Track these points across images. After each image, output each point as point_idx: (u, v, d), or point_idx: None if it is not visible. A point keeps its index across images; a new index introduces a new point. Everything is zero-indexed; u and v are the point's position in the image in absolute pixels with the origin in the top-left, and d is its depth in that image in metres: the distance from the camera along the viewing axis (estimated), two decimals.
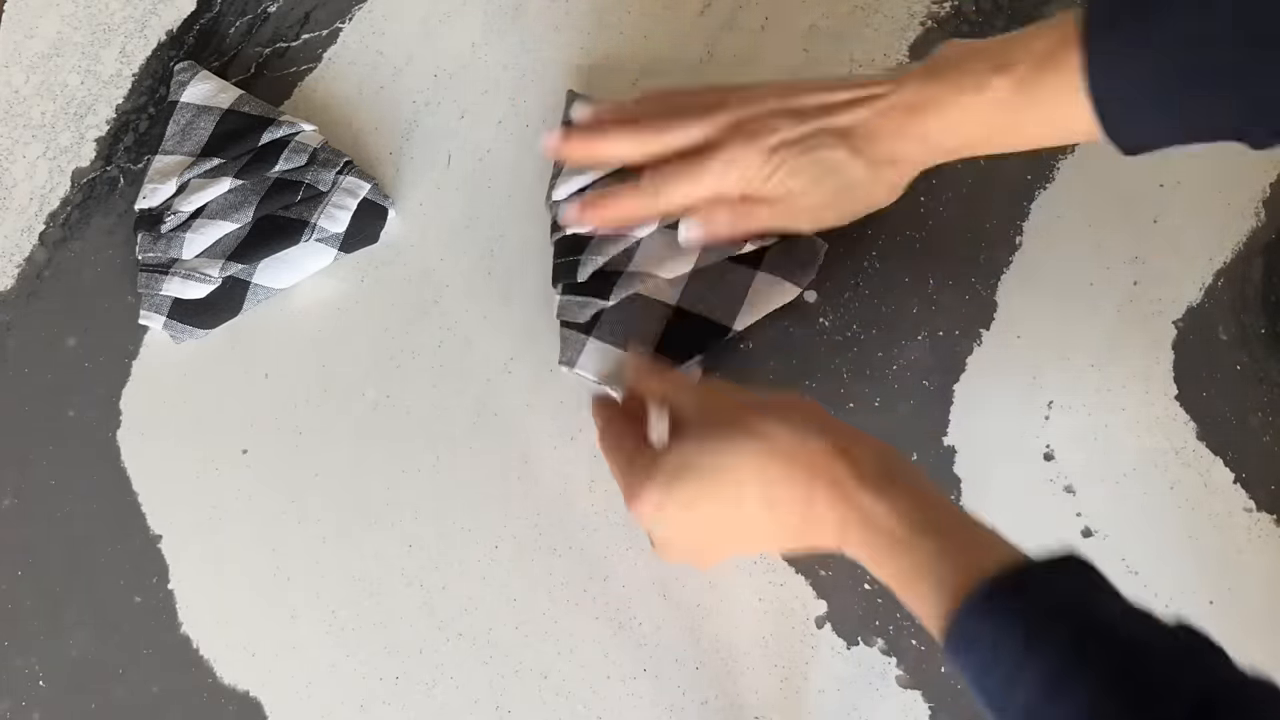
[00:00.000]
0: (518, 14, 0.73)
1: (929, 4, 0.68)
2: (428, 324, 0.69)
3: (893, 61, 0.67)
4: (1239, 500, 0.60)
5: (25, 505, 0.72)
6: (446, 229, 0.70)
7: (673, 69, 0.69)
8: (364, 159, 0.72)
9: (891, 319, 0.65)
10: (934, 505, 0.50)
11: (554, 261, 0.66)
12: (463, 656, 0.65)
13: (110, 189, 0.75)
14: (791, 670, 0.62)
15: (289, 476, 0.69)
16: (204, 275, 0.69)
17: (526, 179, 0.70)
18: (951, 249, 0.65)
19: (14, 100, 0.77)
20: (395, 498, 0.68)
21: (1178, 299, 0.63)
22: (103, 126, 0.76)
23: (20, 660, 0.70)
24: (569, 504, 0.66)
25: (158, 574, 0.69)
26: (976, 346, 0.64)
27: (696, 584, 0.64)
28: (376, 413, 0.69)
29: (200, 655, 0.68)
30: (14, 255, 0.75)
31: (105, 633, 0.69)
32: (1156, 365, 0.62)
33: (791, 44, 0.69)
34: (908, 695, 0.61)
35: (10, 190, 0.76)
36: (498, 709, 0.64)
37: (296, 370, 0.70)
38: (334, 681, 0.66)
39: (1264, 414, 0.61)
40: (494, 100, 0.71)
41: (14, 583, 0.71)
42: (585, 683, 0.64)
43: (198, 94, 0.72)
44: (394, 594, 0.67)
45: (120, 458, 0.71)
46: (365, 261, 0.71)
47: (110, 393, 0.72)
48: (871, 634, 0.62)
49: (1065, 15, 0.50)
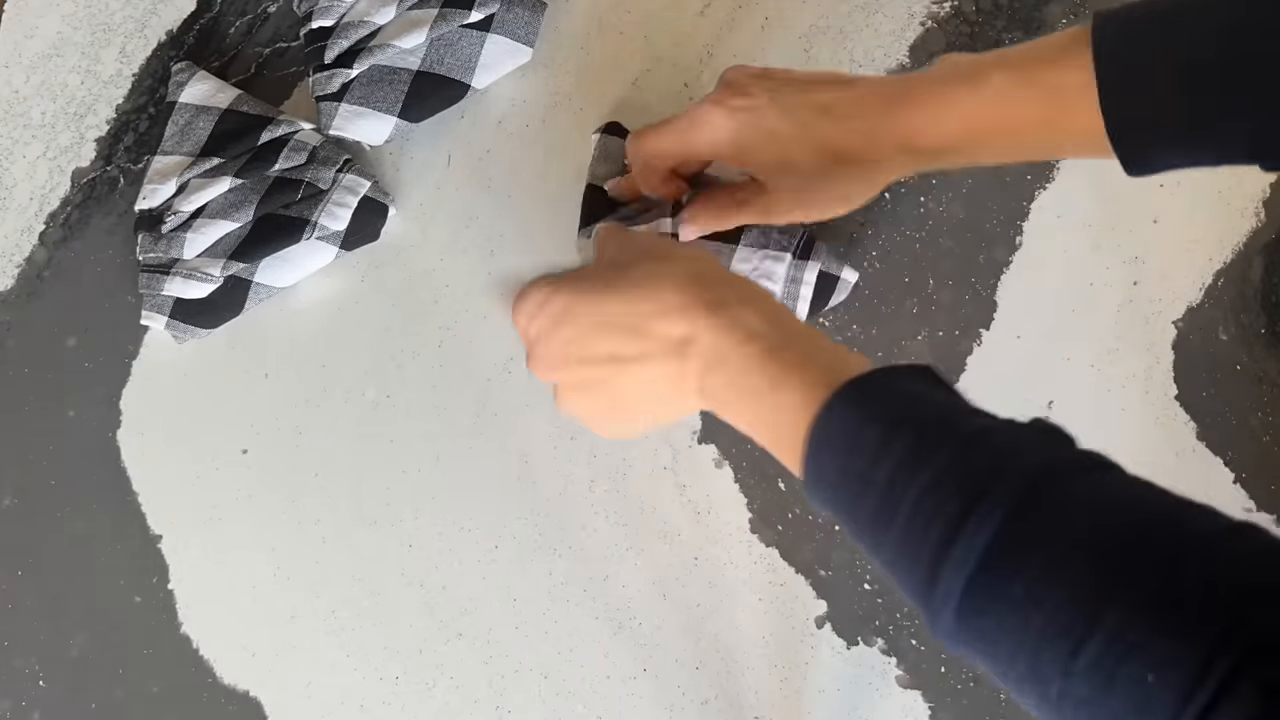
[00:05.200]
0: None
1: (929, 4, 0.68)
2: (428, 324, 0.69)
3: (893, 62, 0.67)
4: (1239, 500, 0.60)
5: (25, 505, 0.72)
6: (446, 229, 0.70)
7: (673, 69, 0.70)
8: (364, 159, 0.72)
9: (891, 319, 0.65)
10: (804, 326, 0.50)
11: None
12: (463, 656, 0.65)
13: (110, 189, 0.75)
14: (791, 670, 0.62)
15: (289, 476, 0.69)
16: (205, 275, 0.69)
17: (526, 179, 0.70)
18: (951, 249, 0.65)
19: (14, 100, 0.77)
20: (395, 498, 0.68)
21: (1178, 299, 0.63)
22: (103, 126, 0.76)
23: (20, 660, 0.70)
24: (569, 504, 0.66)
25: (158, 574, 0.69)
26: (976, 346, 0.64)
27: (697, 584, 0.64)
28: (376, 413, 0.69)
29: (200, 655, 0.68)
30: (14, 255, 0.75)
31: (105, 633, 0.69)
32: (1156, 365, 0.62)
33: (791, 44, 0.69)
34: (908, 695, 0.61)
35: (10, 190, 0.76)
36: (498, 709, 0.64)
37: (296, 370, 0.70)
38: (334, 681, 0.66)
39: (1264, 414, 0.61)
40: (494, 100, 0.71)
41: (14, 583, 0.71)
42: (585, 683, 0.64)
43: (196, 94, 0.72)
44: (394, 594, 0.67)
45: (120, 458, 0.71)
46: (365, 262, 0.71)
47: (110, 393, 0.72)
48: (871, 634, 0.62)
49: (1073, 27, 0.49)
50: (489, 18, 0.69)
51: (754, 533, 0.64)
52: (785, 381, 0.47)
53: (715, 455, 0.65)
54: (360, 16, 0.69)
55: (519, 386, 0.68)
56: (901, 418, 0.42)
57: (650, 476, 0.65)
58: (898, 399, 0.44)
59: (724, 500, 0.65)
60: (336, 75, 0.69)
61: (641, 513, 0.65)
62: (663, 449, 0.65)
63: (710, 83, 0.68)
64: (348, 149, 0.71)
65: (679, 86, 0.69)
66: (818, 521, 0.63)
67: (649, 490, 0.65)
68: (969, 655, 0.39)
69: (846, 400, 0.44)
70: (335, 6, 0.70)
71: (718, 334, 0.50)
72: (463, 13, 0.68)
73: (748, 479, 0.65)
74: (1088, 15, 0.66)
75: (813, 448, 0.45)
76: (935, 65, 0.52)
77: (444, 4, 0.69)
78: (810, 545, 0.63)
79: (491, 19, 0.69)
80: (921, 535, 0.39)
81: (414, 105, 0.69)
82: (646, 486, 0.65)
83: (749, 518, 0.64)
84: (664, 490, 0.65)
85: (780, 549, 0.63)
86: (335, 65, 0.69)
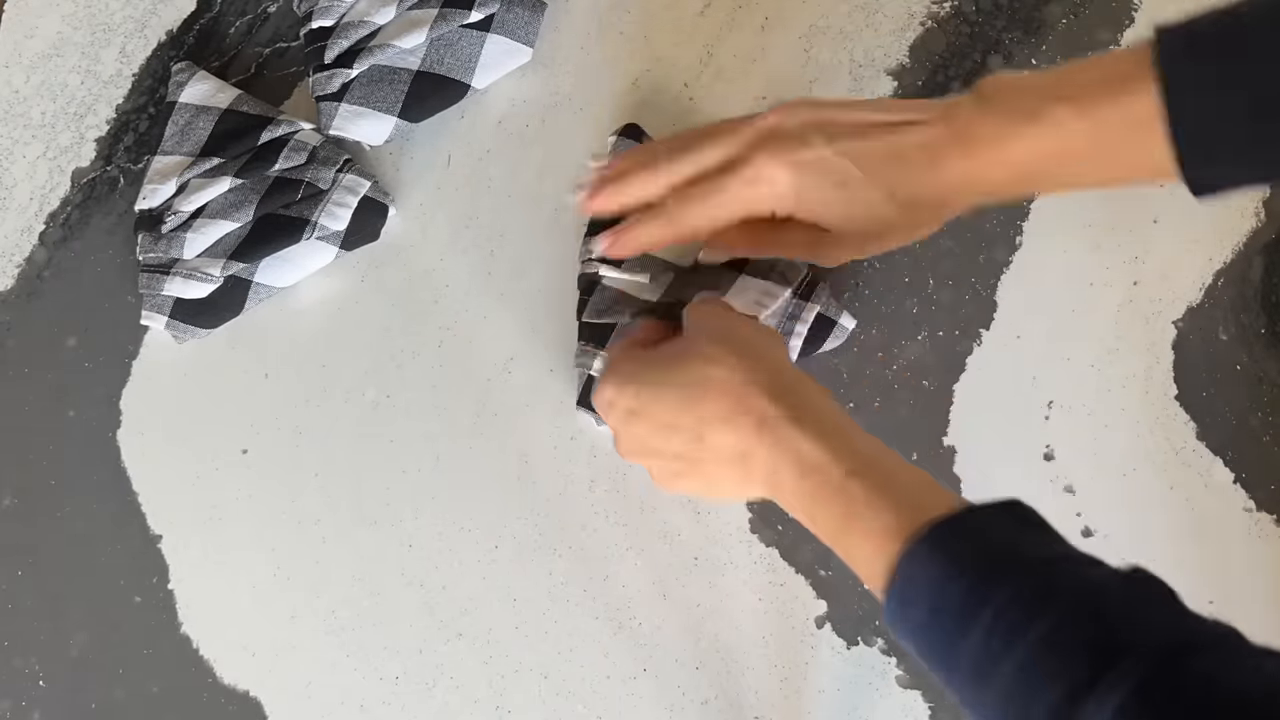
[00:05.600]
0: None
1: (929, 4, 0.68)
2: (428, 324, 0.69)
3: (893, 61, 0.67)
4: (1239, 500, 0.60)
5: (25, 505, 0.72)
6: (446, 229, 0.70)
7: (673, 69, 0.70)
8: (364, 159, 0.72)
9: (891, 319, 0.65)
10: (867, 445, 0.48)
11: (579, 321, 0.66)
12: (463, 656, 0.65)
13: (110, 189, 0.75)
14: (791, 670, 0.62)
15: (289, 476, 0.69)
16: (205, 275, 0.69)
17: (526, 179, 0.70)
18: (951, 249, 0.65)
19: (14, 100, 0.77)
20: (395, 498, 0.68)
21: (1178, 299, 0.63)
22: (103, 126, 0.76)
23: (20, 660, 0.70)
24: (569, 504, 0.66)
25: (158, 574, 0.69)
26: (976, 346, 0.64)
27: (697, 584, 0.64)
28: (376, 413, 0.69)
29: (200, 655, 0.68)
30: (14, 255, 0.75)
31: (105, 633, 0.69)
32: (1156, 365, 0.62)
33: (791, 44, 0.69)
34: (908, 695, 0.61)
35: (10, 190, 0.76)
36: (498, 709, 0.64)
37: (296, 370, 0.70)
38: (334, 681, 0.66)
39: (1264, 414, 0.61)
40: (494, 100, 0.71)
41: (14, 583, 0.71)
42: (585, 683, 0.64)
43: (196, 94, 0.72)
44: (394, 594, 0.67)
45: (120, 458, 0.71)
46: (365, 262, 0.71)
47: (110, 393, 0.72)
48: (871, 634, 0.62)
49: (1129, 48, 0.46)
50: (489, 18, 0.69)
51: (754, 533, 0.64)
52: (854, 524, 0.45)
53: None
54: (360, 16, 0.69)
55: (519, 386, 0.68)
56: (998, 566, 0.40)
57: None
58: (988, 545, 0.41)
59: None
60: (336, 75, 0.69)
61: (641, 513, 0.65)
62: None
63: (711, 82, 0.69)
64: (348, 149, 0.71)
65: (679, 86, 0.69)
66: None
67: (649, 490, 0.65)
68: None
69: (930, 552, 0.42)
70: (335, 6, 0.70)
71: (771, 458, 0.49)
72: (463, 13, 0.68)
73: None
74: (1088, 15, 0.66)
75: (894, 602, 0.43)
76: (987, 90, 0.50)
77: (444, 4, 0.69)
78: (810, 545, 0.63)
79: (491, 19, 0.69)
80: (1051, 672, 0.37)
81: (414, 105, 0.69)
82: (646, 486, 0.65)
83: (749, 518, 0.64)
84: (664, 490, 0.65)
85: (780, 549, 0.64)
86: (335, 65, 0.69)
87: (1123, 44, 0.66)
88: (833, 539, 0.47)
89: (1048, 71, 0.48)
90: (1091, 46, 0.66)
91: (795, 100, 0.54)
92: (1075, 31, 0.66)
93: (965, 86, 0.66)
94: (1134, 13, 0.66)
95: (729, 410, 0.50)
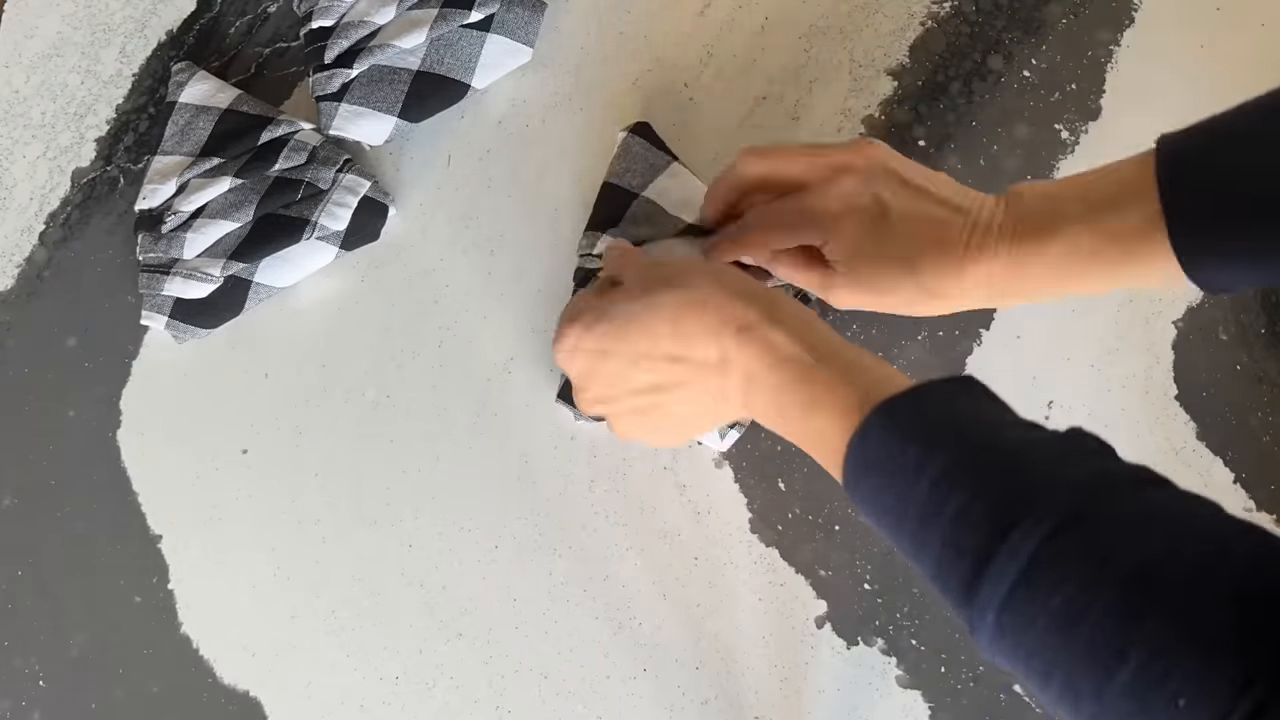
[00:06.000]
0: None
1: (929, 4, 0.68)
2: (428, 324, 0.69)
3: (893, 61, 0.67)
4: (1239, 500, 0.60)
5: (25, 505, 0.72)
6: (446, 229, 0.70)
7: (673, 69, 0.70)
8: (364, 159, 0.72)
9: (892, 319, 0.65)
10: (837, 341, 0.50)
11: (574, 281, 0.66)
12: (463, 656, 0.65)
13: (110, 189, 0.75)
14: (791, 670, 0.62)
15: (289, 476, 0.69)
16: (205, 275, 0.69)
17: (526, 179, 0.70)
18: None
19: (14, 100, 0.77)
20: (395, 498, 0.68)
21: (1178, 299, 0.63)
22: (103, 126, 0.76)
23: (20, 660, 0.70)
24: (569, 504, 0.66)
25: (158, 574, 0.69)
26: (976, 346, 0.64)
27: (697, 584, 0.64)
28: (376, 413, 0.69)
29: (200, 655, 0.68)
30: (14, 255, 0.75)
31: (105, 633, 0.69)
32: (1156, 365, 0.62)
33: (791, 44, 0.69)
34: (908, 695, 0.61)
35: (10, 190, 0.76)
36: (498, 709, 0.64)
37: (296, 370, 0.70)
38: (334, 681, 0.66)
39: (1264, 414, 0.61)
40: (494, 100, 0.71)
41: (14, 583, 0.71)
42: (585, 683, 0.64)
43: (196, 94, 0.72)
44: (394, 594, 0.67)
45: (120, 458, 0.71)
46: (365, 262, 0.71)
47: (110, 393, 0.72)
48: (871, 634, 0.62)
49: (1141, 157, 0.48)
50: (489, 18, 0.69)
51: (754, 533, 0.64)
52: (820, 405, 0.47)
53: (715, 455, 0.65)
54: (360, 16, 0.69)
55: (519, 386, 0.68)
56: (939, 435, 0.42)
57: (650, 476, 0.65)
58: (934, 416, 0.44)
59: (724, 500, 0.65)
60: (336, 75, 0.69)
61: (641, 513, 0.65)
62: (663, 449, 0.65)
63: (711, 82, 0.69)
64: (348, 149, 0.71)
65: (679, 86, 0.69)
66: (818, 521, 0.63)
67: (649, 490, 0.65)
68: (1010, 670, 0.39)
69: (882, 422, 0.44)
70: (335, 6, 0.70)
71: (749, 357, 0.50)
72: (463, 13, 0.68)
73: (747, 479, 0.65)
74: (1088, 15, 0.66)
75: (851, 473, 0.45)
76: (1013, 202, 0.53)
77: (444, 4, 0.69)
78: (810, 545, 0.63)
79: (491, 19, 0.69)
80: (962, 547, 0.39)
81: (414, 105, 0.69)
82: (646, 486, 0.65)
83: (749, 518, 0.64)
84: (664, 490, 0.65)
85: (780, 549, 0.64)
86: (335, 65, 0.69)
87: (1123, 44, 0.66)
88: (799, 425, 0.49)
89: (1070, 191, 0.51)
90: (1091, 46, 0.66)
91: (880, 145, 0.56)
92: (1075, 31, 0.66)
93: (965, 86, 0.66)
94: (1134, 13, 0.66)
95: (713, 321, 0.51)
